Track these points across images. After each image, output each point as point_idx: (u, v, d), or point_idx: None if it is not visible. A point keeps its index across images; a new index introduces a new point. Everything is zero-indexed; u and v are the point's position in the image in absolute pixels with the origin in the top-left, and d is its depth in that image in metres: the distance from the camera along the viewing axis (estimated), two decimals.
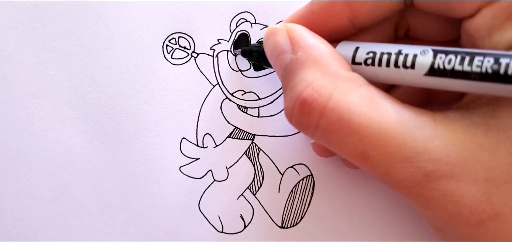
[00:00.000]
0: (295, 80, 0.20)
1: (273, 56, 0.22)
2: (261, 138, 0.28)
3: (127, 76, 0.29)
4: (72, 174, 0.28)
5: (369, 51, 0.20)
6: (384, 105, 0.19)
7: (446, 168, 0.18)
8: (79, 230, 0.28)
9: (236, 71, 0.29)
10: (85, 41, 0.29)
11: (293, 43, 0.21)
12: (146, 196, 0.28)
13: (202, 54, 0.29)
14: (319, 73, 0.20)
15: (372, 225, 0.28)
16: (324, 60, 0.20)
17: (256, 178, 0.28)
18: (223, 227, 0.28)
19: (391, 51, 0.20)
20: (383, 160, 0.19)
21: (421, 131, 0.19)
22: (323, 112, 0.19)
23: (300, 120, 0.20)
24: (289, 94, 0.20)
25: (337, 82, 0.19)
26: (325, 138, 0.20)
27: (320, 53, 0.20)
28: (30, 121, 0.29)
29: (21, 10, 0.29)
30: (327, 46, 0.21)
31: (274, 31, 0.22)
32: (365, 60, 0.20)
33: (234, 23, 0.29)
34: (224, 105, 0.29)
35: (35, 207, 0.28)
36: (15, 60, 0.29)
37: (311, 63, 0.20)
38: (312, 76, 0.20)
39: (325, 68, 0.20)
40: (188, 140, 0.28)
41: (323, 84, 0.19)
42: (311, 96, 0.19)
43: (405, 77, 0.19)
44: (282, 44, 0.21)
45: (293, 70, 0.20)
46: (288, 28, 0.22)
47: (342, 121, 0.19)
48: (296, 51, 0.21)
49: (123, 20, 0.29)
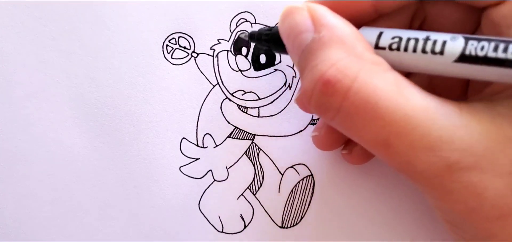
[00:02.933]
0: (317, 60, 0.19)
1: (291, 35, 0.21)
2: (261, 138, 0.28)
3: (127, 76, 0.29)
4: (72, 174, 0.28)
5: (395, 36, 0.20)
6: (410, 91, 0.18)
7: (471, 159, 0.17)
8: (79, 231, 0.28)
9: (236, 71, 0.29)
10: (85, 41, 0.29)
11: (315, 22, 0.20)
12: (146, 196, 0.28)
13: (202, 54, 0.29)
14: (344, 53, 0.18)
15: (372, 225, 0.28)
16: (349, 41, 0.19)
17: (256, 178, 0.28)
18: (223, 227, 0.28)
19: (419, 36, 0.19)
20: (405, 148, 0.18)
21: (447, 119, 0.18)
22: (347, 94, 0.18)
23: (321, 102, 0.19)
24: (310, 74, 0.19)
25: (363, 64, 0.18)
26: (346, 123, 0.19)
27: (345, 33, 0.19)
28: (30, 121, 0.29)
29: (21, 10, 0.29)
30: (351, 27, 0.20)
31: (292, 10, 0.21)
32: (390, 44, 0.20)
33: (234, 23, 0.29)
34: (224, 105, 0.29)
35: (35, 207, 0.28)
36: (15, 60, 0.29)
37: (335, 43, 0.19)
38: (336, 56, 0.18)
39: (351, 49, 0.19)
40: (188, 140, 0.28)
41: (348, 65, 0.18)
42: (335, 77, 0.18)
43: (432, 64, 0.19)
44: (302, 23, 0.20)
45: (315, 50, 0.19)
46: (310, 6, 0.20)
47: (366, 105, 0.18)
48: (319, 30, 0.19)
49: (123, 20, 0.29)
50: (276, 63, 0.29)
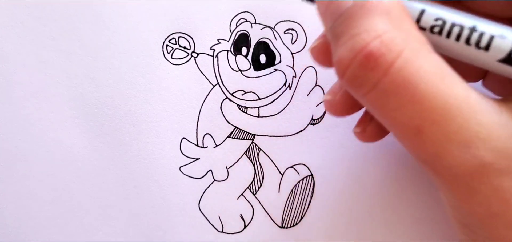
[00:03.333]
0: (359, 28, 0.17)
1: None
2: (261, 138, 0.28)
3: (127, 76, 0.29)
4: (72, 174, 0.28)
5: (438, 18, 0.18)
6: (453, 79, 0.17)
7: (505, 163, 0.16)
8: (79, 230, 0.28)
9: (236, 71, 0.29)
10: (85, 41, 0.29)
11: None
12: (146, 196, 0.28)
13: (202, 54, 0.29)
14: (390, 25, 0.17)
15: (372, 225, 0.28)
16: (395, 12, 0.17)
17: (256, 178, 0.28)
18: (223, 227, 0.28)
19: (464, 24, 0.18)
20: (439, 138, 0.17)
21: (488, 116, 0.17)
22: (389, 70, 0.17)
23: (358, 75, 0.17)
24: (349, 43, 0.17)
25: (409, 41, 0.17)
26: (379, 101, 0.17)
27: (391, 3, 0.17)
28: (30, 121, 0.29)
29: (21, 10, 0.29)
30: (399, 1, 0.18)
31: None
32: (432, 27, 0.18)
33: (234, 23, 0.29)
34: (224, 105, 0.29)
35: (35, 207, 0.28)
36: (15, 60, 0.29)
37: (381, 12, 0.17)
38: (382, 27, 0.17)
39: (397, 22, 0.17)
40: (188, 140, 0.28)
41: (394, 39, 0.17)
42: (379, 50, 0.16)
43: (473, 57, 0.18)
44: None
45: (356, 17, 0.17)
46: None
47: (407, 85, 0.16)
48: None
49: (123, 20, 0.29)
50: (276, 63, 0.29)
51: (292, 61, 0.29)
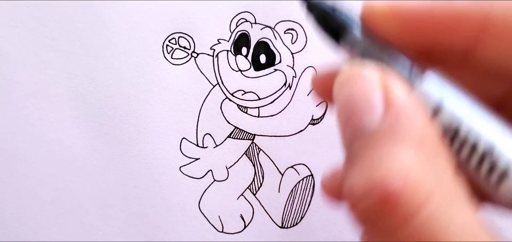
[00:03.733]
0: (381, 158, 0.13)
1: (347, 109, 0.15)
2: (261, 138, 0.28)
3: (127, 76, 0.29)
4: (72, 174, 0.28)
5: (453, 122, 0.14)
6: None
7: None
8: (79, 230, 0.28)
9: (236, 71, 0.29)
10: (85, 41, 0.29)
11: (388, 100, 0.14)
12: (146, 196, 0.28)
13: (202, 54, 0.29)
14: (421, 162, 0.13)
15: None
16: (430, 145, 0.14)
17: (256, 178, 0.28)
18: (223, 227, 0.28)
19: (480, 140, 0.14)
20: None
21: None
22: (410, 219, 0.13)
23: (371, 214, 0.14)
24: (367, 172, 0.14)
25: (442, 184, 0.13)
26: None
27: (426, 131, 0.14)
28: (30, 121, 0.29)
29: (21, 10, 0.29)
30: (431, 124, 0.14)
31: (356, 74, 0.15)
32: (445, 131, 0.14)
33: (234, 23, 0.29)
34: (224, 105, 0.29)
35: (35, 207, 0.28)
36: (15, 60, 0.29)
37: (412, 142, 0.13)
38: (409, 163, 0.13)
39: (430, 158, 0.13)
40: (188, 140, 0.28)
41: (423, 180, 0.13)
42: (403, 191, 0.13)
43: (478, 178, 0.14)
44: (368, 100, 0.14)
45: (381, 142, 0.14)
46: (384, 78, 0.14)
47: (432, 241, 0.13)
48: (389, 114, 0.14)
49: (123, 20, 0.29)
50: (276, 63, 0.29)
51: (292, 61, 0.29)
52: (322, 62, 0.29)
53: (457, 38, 0.15)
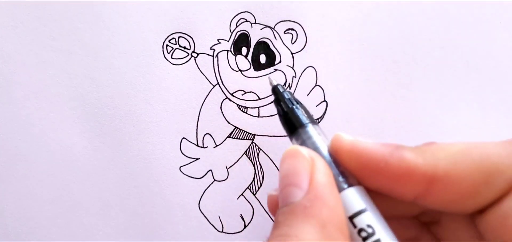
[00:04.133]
0: (291, 230, 0.17)
1: (284, 182, 0.19)
2: (261, 138, 0.28)
3: (127, 76, 0.29)
4: (72, 174, 0.28)
5: (370, 225, 0.18)
6: None
7: None
8: (79, 230, 0.28)
9: (236, 71, 0.29)
10: (85, 41, 0.29)
11: (312, 182, 0.18)
12: (146, 196, 0.28)
13: (202, 54, 0.29)
14: (319, 239, 0.17)
15: None
16: (330, 228, 0.17)
17: (256, 178, 0.28)
18: (223, 227, 0.28)
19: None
20: None
21: None
22: None
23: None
24: (278, 238, 0.17)
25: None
26: None
27: (330, 220, 0.17)
28: (30, 121, 0.29)
29: (21, 10, 0.29)
30: (341, 212, 0.18)
31: (297, 153, 0.19)
32: (360, 230, 0.18)
33: (234, 23, 0.29)
34: (224, 105, 0.29)
35: (35, 207, 0.28)
36: (15, 60, 0.29)
37: (316, 223, 0.17)
38: (309, 239, 0.17)
39: (329, 236, 0.17)
40: (188, 140, 0.28)
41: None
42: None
43: None
44: (298, 177, 0.18)
45: (295, 216, 0.18)
46: (315, 162, 0.19)
47: None
48: (310, 195, 0.18)
49: (123, 20, 0.29)
50: (276, 63, 0.29)
51: (292, 61, 0.29)
52: (322, 62, 0.29)
53: (407, 189, 0.19)
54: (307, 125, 0.21)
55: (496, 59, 0.28)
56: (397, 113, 0.28)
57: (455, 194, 0.18)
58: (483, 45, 0.28)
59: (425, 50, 0.28)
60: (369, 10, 0.29)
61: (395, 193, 0.19)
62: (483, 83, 0.28)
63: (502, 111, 0.28)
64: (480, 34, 0.28)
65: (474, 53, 0.28)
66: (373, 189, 0.20)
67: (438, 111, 0.28)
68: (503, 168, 0.18)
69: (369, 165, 0.19)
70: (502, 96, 0.28)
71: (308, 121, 0.21)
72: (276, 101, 0.23)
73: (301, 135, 0.21)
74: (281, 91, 0.22)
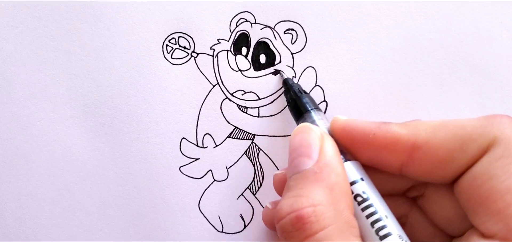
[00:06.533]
0: (303, 191, 0.20)
1: (295, 152, 0.22)
2: (261, 138, 0.28)
3: (127, 76, 0.29)
4: (72, 174, 0.28)
5: (364, 192, 0.21)
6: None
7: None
8: (79, 230, 0.28)
9: (236, 71, 0.29)
10: (85, 41, 0.29)
11: (321, 154, 0.21)
12: (146, 196, 0.28)
13: (202, 54, 0.29)
14: (328, 200, 0.20)
15: None
16: (337, 191, 0.20)
17: (256, 178, 0.28)
18: (223, 227, 0.28)
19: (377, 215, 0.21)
20: None
21: None
22: (310, 237, 0.19)
23: (287, 228, 0.20)
24: (291, 200, 0.20)
25: (338, 220, 0.19)
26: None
27: (337, 182, 0.20)
28: (30, 121, 0.29)
29: (21, 10, 0.29)
30: (345, 180, 0.21)
31: (309, 129, 0.22)
32: (357, 195, 0.21)
33: (234, 23, 0.29)
34: (224, 105, 0.29)
35: (35, 207, 0.28)
36: (15, 60, 0.29)
37: (325, 186, 0.20)
38: (319, 198, 0.20)
39: (335, 199, 0.20)
40: (188, 140, 0.28)
41: (325, 213, 0.19)
42: (309, 217, 0.19)
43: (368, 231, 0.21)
44: (309, 149, 0.21)
45: (306, 181, 0.20)
46: (324, 136, 0.22)
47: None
48: (319, 165, 0.21)
49: (123, 20, 0.29)
50: (276, 63, 0.29)
51: (292, 61, 0.29)
52: (322, 62, 0.29)
53: (393, 157, 0.22)
54: (312, 110, 0.25)
55: (496, 59, 0.28)
56: (397, 113, 0.28)
57: (435, 161, 0.21)
58: (483, 45, 0.28)
59: (425, 50, 0.28)
60: (369, 10, 0.29)
61: (383, 163, 0.22)
62: (483, 83, 0.28)
63: (502, 111, 0.28)
64: (480, 34, 0.28)
65: (474, 53, 0.28)
66: (365, 162, 0.23)
67: (438, 111, 0.28)
68: (475, 136, 0.20)
69: (360, 137, 0.22)
70: (502, 96, 0.28)
71: (313, 107, 0.25)
72: (286, 91, 0.27)
73: (306, 119, 0.24)
74: (290, 83, 0.27)
